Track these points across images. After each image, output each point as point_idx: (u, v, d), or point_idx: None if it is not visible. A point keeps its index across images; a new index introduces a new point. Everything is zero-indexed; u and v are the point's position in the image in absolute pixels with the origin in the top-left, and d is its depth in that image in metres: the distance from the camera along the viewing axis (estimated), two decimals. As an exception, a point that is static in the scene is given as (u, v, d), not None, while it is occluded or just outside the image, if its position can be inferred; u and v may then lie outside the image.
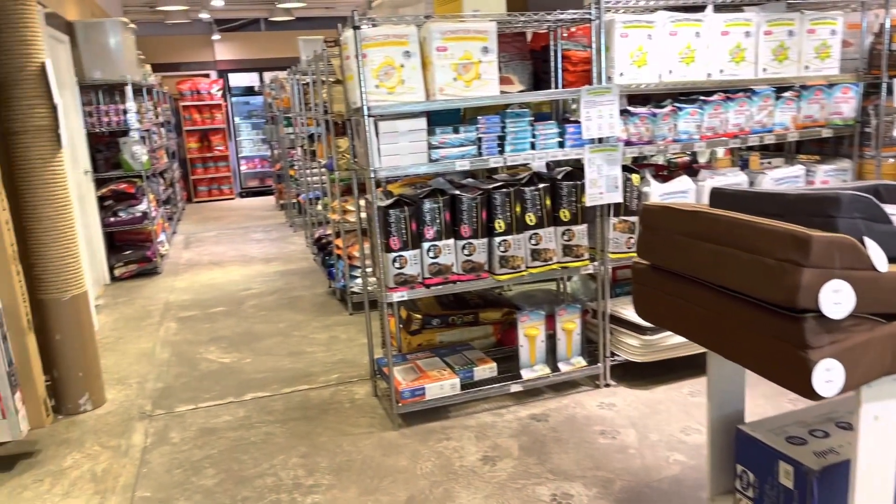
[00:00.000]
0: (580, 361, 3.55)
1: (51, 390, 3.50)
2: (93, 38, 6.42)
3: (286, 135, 8.60)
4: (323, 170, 6.27)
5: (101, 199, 6.47)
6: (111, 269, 6.56)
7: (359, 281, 5.07)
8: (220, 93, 12.19)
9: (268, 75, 12.00)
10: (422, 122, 3.11)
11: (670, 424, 3.16)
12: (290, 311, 5.27)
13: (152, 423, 3.48)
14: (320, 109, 5.28)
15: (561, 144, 3.33)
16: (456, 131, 3.16)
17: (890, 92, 3.70)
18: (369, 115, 3.00)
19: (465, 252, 3.22)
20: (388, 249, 3.12)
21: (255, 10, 11.72)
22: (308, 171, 7.24)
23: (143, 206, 6.66)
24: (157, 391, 3.88)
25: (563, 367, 3.52)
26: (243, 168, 12.89)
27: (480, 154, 3.21)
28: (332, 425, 3.34)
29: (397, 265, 3.13)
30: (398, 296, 3.16)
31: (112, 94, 6.99)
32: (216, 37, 12.25)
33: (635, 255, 3.55)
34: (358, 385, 3.82)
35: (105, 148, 6.71)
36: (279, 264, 6.94)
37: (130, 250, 6.72)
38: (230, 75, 12.63)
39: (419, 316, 3.78)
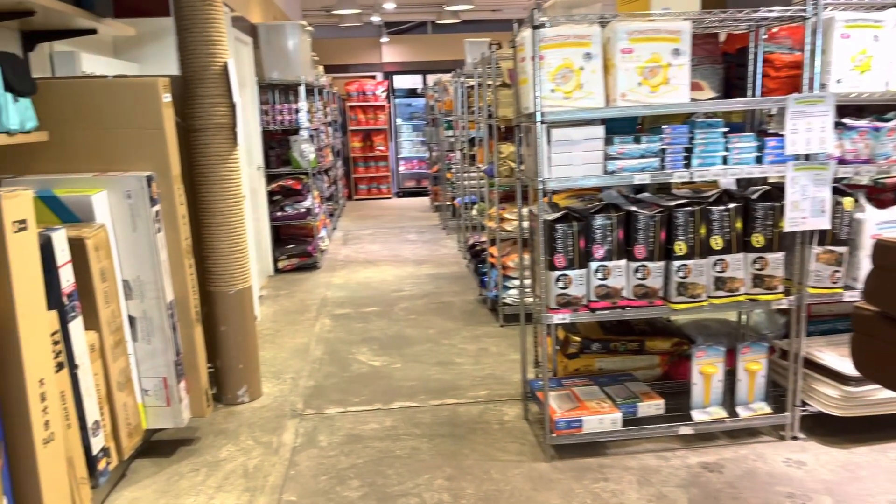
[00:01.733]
0: (763, 407, 3.11)
1: (212, 379, 3.62)
2: (273, 40, 6.74)
3: (446, 137, 8.60)
4: (481, 175, 6.14)
5: (270, 194, 6.78)
6: (275, 261, 6.85)
7: (512, 292, 4.87)
8: (384, 94, 12.53)
9: (431, 78, 12.16)
10: (599, 131, 2.84)
11: (875, 496, 2.65)
12: (440, 318, 5.18)
13: (303, 423, 3.48)
14: (484, 113, 5.14)
15: (758, 160, 2.91)
16: (637, 141, 2.86)
17: None
18: (542, 122, 2.78)
19: (638, 275, 2.91)
20: (552, 267, 2.88)
21: (423, 12, 11.92)
22: (465, 175, 7.16)
23: (307, 203, 6.90)
24: (308, 389, 3.91)
25: (742, 411, 3.09)
26: (401, 168, 13.18)
27: (663, 167, 2.88)
28: (479, 447, 3.16)
29: (561, 285, 2.88)
30: (559, 318, 2.91)
31: (287, 93, 7.32)
32: (384, 39, 12.61)
33: (841, 291, 3.06)
34: (508, 405, 3.61)
35: (277, 145, 7.03)
36: (430, 267, 6.92)
37: (293, 244, 6.99)
38: (395, 77, 12.95)
39: (578, 339, 3.51)
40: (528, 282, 4.90)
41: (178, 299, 3.06)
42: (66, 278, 2.42)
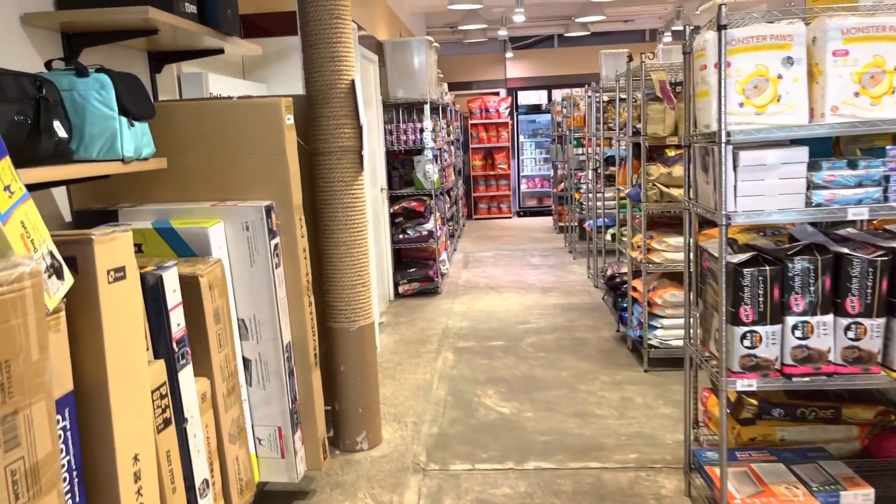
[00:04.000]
0: None
1: (329, 419, 3.33)
2: (399, 57, 6.53)
3: (574, 155, 8.08)
4: (619, 197, 5.59)
5: (392, 216, 6.55)
6: (396, 285, 6.60)
7: (659, 333, 4.29)
8: (507, 111, 12.16)
9: (557, 93, 11.66)
10: (802, 153, 2.27)
11: None
12: (573, 357, 4.67)
13: (426, 481, 3.10)
14: (627, 130, 4.61)
15: None
16: (852, 166, 2.26)
17: None
18: (728, 142, 2.25)
19: (850, 335, 2.30)
20: (737, 321, 2.33)
21: (551, 26, 11.48)
22: (598, 196, 6.62)
23: (429, 225, 6.61)
24: (432, 437, 3.53)
25: None
26: (523, 187, 12.73)
27: (886, 198, 2.26)
28: (634, 531, 2.64)
29: (747, 343, 2.33)
30: (744, 384, 2.35)
31: (411, 112, 7.10)
32: (509, 54, 12.27)
33: None
34: (664, 475, 3.06)
35: (400, 165, 6.80)
36: (558, 296, 6.41)
37: (415, 268, 6.72)
38: (519, 93, 12.56)
39: (754, 401, 2.90)
40: (676, 320, 4.33)
41: (295, 341, 2.78)
42: (177, 322, 2.17)
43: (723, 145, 2.25)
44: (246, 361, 2.71)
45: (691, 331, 2.82)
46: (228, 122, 2.62)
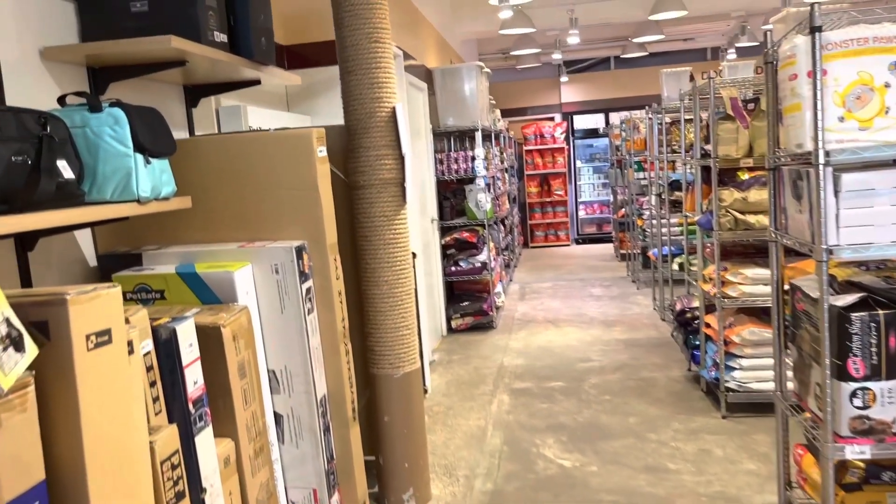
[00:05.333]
0: None
1: (373, 476, 3.05)
2: (449, 84, 6.34)
3: (636, 180, 7.69)
4: (685, 223, 5.19)
5: (443, 248, 6.30)
6: (448, 319, 6.32)
7: (738, 375, 3.86)
8: (563, 136, 11.85)
9: (615, 116, 11.30)
10: (919, 174, 1.90)
11: None
12: (641, 401, 4.27)
13: (478, 548, 2.78)
14: (695, 152, 4.24)
15: None
16: (985, 189, 1.88)
17: None
18: (827, 164, 1.90)
19: None
20: (844, 376, 1.95)
21: (606, 48, 11.16)
22: (662, 223, 6.21)
23: (482, 257, 6.32)
24: (486, 495, 3.21)
25: None
26: (581, 213, 12.34)
27: None
28: None
29: (858, 403, 1.95)
30: (855, 452, 1.97)
31: (463, 140, 6.88)
32: (564, 78, 11.98)
33: None
34: (753, 547, 2.65)
35: (452, 195, 6.57)
36: (622, 330, 6.00)
37: (468, 301, 6.43)
38: (575, 117, 12.24)
39: (860, 463, 2.48)
40: (757, 360, 3.90)
41: (331, 393, 2.53)
42: (194, 380, 1.94)
43: (820, 167, 1.90)
44: (277, 417, 2.46)
45: (782, 381, 2.44)
46: (256, 157, 2.42)
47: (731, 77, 4.96)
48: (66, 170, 1.85)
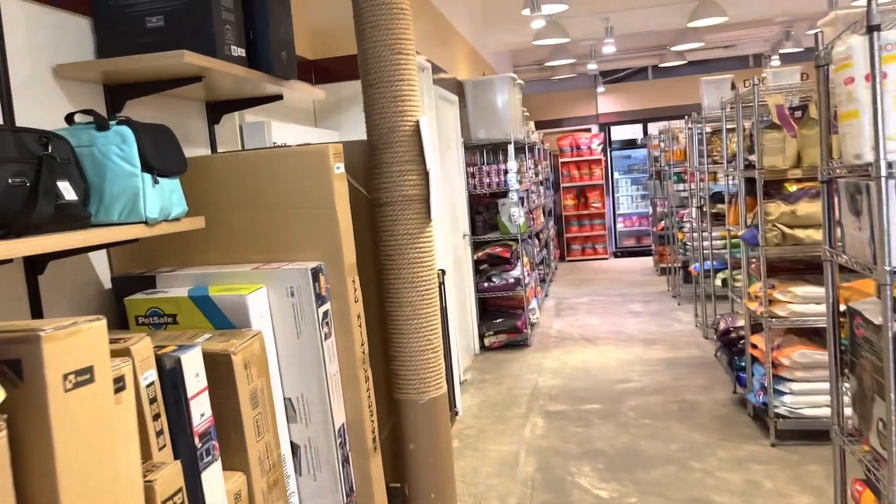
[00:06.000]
0: None
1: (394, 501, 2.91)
2: (481, 96, 6.22)
3: (675, 192, 7.44)
4: (728, 236, 4.95)
5: (476, 263, 6.16)
6: (481, 337, 6.16)
7: (788, 400, 3.62)
8: (599, 147, 11.62)
9: (653, 126, 11.05)
10: None
11: None
12: (683, 425, 4.04)
13: (508, 587, 2.61)
14: (739, 163, 4.03)
15: None
16: None
17: None
18: (889, 175, 1.71)
19: None
20: (913, 412, 1.74)
21: (644, 57, 10.93)
22: (703, 236, 5.97)
23: (516, 272, 6.16)
24: (517, 527, 3.05)
25: None
26: (619, 226, 12.06)
27: None
28: None
29: (930, 442, 1.74)
30: (928, 497, 1.75)
31: (495, 153, 6.75)
32: (600, 89, 11.77)
33: None
34: None
35: (484, 209, 6.43)
36: (662, 349, 5.76)
37: (501, 318, 6.27)
38: (612, 128, 12.01)
39: (930, 505, 2.25)
40: (809, 384, 3.64)
41: (350, 423, 2.40)
42: (201, 412, 1.84)
43: (882, 180, 1.72)
44: (294, 447, 2.35)
45: (839, 413, 2.23)
46: (270, 174, 2.32)
47: (775, 84, 4.73)
48: (67, 191, 1.77)
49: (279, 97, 3.11)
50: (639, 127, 11.88)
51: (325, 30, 4.39)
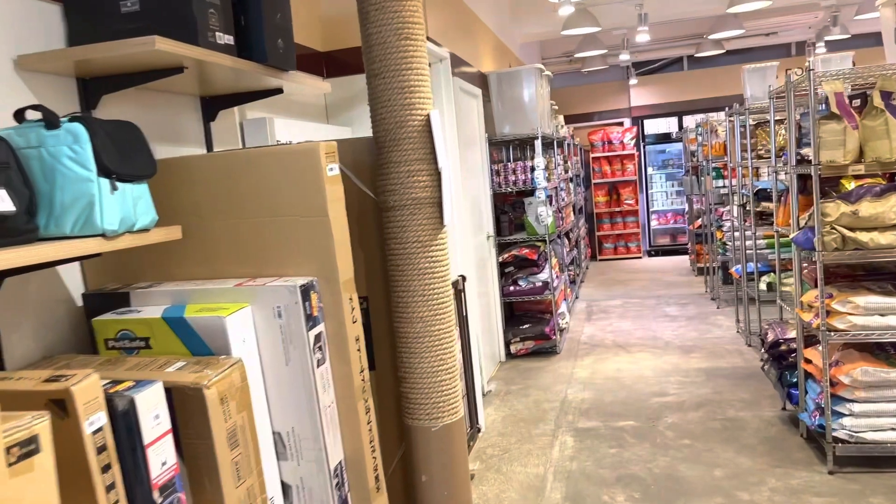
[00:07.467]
0: None
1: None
2: (506, 89, 5.89)
3: (714, 188, 7.02)
4: (772, 237, 4.55)
5: (501, 266, 5.83)
6: (507, 344, 5.84)
7: (848, 423, 3.23)
8: (632, 141, 11.18)
9: (689, 119, 10.58)
10: None
11: None
12: (728, 447, 3.67)
13: None
14: (790, 157, 3.64)
15: None
16: None
17: None
18: None
19: None
20: None
21: (679, 46, 10.46)
22: (745, 236, 5.56)
23: (544, 275, 5.82)
24: (542, 568, 2.73)
25: None
26: (653, 224, 11.61)
27: None
28: None
29: None
30: None
31: (522, 149, 6.41)
32: (633, 81, 11.32)
33: None
34: None
35: (510, 208, 6.10)
36: (701, 357, 5.37)
37: (528, 323, 5.93)
38: (645, 122, 11.55)
39: None
40: (873, 405, 3.25)
41: (348, 460, 2.11)
42: (161, 461, 1.56)
43: None
44: (285, 488, 2.06)
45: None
46: (258, 177, 2.04)
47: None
48: (3, 201, 1.51)
49: (279, 91, 2.84)
50: (674, 120, 11.40)
51: (337, 19, 4.10)
